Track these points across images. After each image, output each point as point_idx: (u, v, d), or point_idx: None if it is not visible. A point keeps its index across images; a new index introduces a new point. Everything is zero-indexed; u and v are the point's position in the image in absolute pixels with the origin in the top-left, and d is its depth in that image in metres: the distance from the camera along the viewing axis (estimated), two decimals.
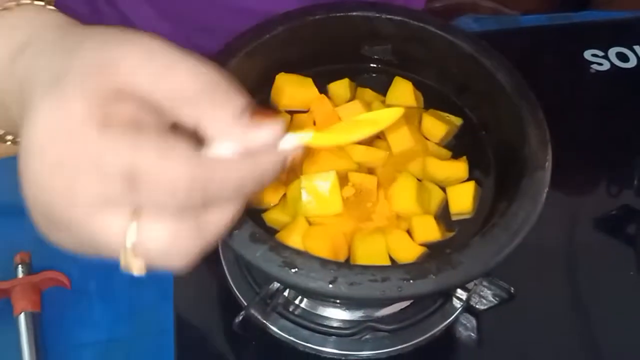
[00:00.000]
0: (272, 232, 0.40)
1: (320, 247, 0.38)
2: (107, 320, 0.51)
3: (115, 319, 0.51)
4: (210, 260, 0.47)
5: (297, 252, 0.33)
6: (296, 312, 0.44)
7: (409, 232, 0.40)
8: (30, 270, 0.52)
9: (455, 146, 0.45)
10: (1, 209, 0.57)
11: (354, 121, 0.29)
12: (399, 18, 0.45)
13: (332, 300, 0.41)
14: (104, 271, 0.54)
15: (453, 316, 0.44)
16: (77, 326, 0.50)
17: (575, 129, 0.57)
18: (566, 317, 0.47)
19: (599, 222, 0.52)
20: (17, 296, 0.49)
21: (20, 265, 0.52)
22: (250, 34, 0.43)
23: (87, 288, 0.52)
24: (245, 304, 0.44)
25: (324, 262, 0.33)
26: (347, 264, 0.34)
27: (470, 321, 0.45)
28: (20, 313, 0.48)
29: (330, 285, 0.32)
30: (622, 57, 0.63)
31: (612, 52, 0.63)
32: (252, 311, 0.41)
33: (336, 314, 0.45)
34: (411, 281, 0.32)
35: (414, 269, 0.33)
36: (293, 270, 0.33)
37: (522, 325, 0.46)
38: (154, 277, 0.53)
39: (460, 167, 0.43)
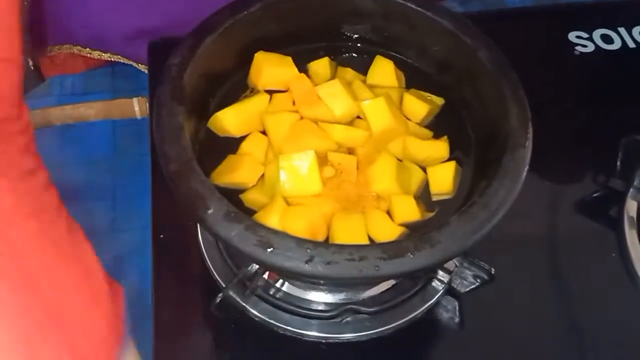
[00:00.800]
0: (250, 213, 0.39)
1: (298, 228, 0.37)
2: None
3: None
4: (189, 243, 0.47)
5: (273, 232, 0.33)
6: (277, 295, 0.44)
7: (388, 213, 0.39)
8: None
9: (437, 126, 0.44)
10: None
11: None
12: None
13: (309, 280, 0.40)
14: None
15: (434, 298, 0.44)
16: None
17: (558, 111, 0.57)
18: (548, 299, 0.46)
19: (581, 204, 0.52)
20: None
21: None
22: (226, 10, 0.42)
23: None
24: (224, 285, 0.43)
25: (300, 241, 0.32)
26: (324, 243, 0.33)
27: (451, 303, 0.45)
28: None
29: (307, 265, 0.32)
30: (607, 39, 0.62)
31: (597, 34, 0.62)
32: (231, 293, 0.40)
33: (317, 297, 0.44)
34: (389, 260, 0.32)
35: (392, 248, 0.32)
36: (269, 250, 0.32)
37: (504, 308, 0.45)
38: (133, 263, 0.53)
39: (441, 147, 0.42)
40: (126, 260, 0.53)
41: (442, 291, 0.44)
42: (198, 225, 0.47)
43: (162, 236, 0.47)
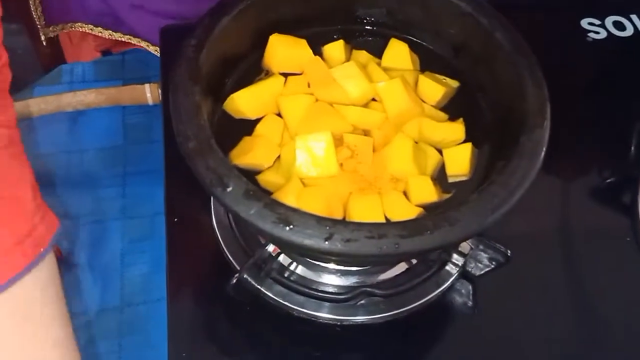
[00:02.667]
0: (267, 194, 0.39)
1: (315, 208, 0.37)
2: (98, 290, 0.50)
3: (106, 289, 0.50)
4: (203, 227, 0.47)
5: (292, 209, 0.33)
6: (291, 278, 0.44)
7: (405, 194, 0.39)
8: None
9: (452, 108, 0.44)
10: None
11: None
12: None
13: (328, 257, 0.40)
14: (94, 242, 0.53)
15: (449, 282, 0.44)
16: (68, 296, 0.49)
17: (571, 98, 0.57)
18: (562, 283, 0.46)
19: (595, 190, 0.52)
20: None
21: None
22: None
23: (78, 259, 0.52)
24: (238, 268, 0.43)
25: (319, 219, 0.32)
26: (343, 221, 0.33)
27: (465, 287, 0.45)
28: None
29: (326, 242, 0.32)
30: (619, 26, 0.62)
31: (609, 20, 0.62)
32: (246, 275, 0.40)
33: (331, 280, 0.44)
34: (408, 237, 0.32)
35: (411, 226, 0.32)
36: (288, 227, 0.32)
37: (518, 292, 0.45)
38: (144, 250, 0.53)
39: (456, 129, 0.42)
40: (136, 247, 0.53)
41: (456, 274, 0.44)
42: (212, 208, 0.47)
43: (175, 220, 0.47)
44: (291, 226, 0.32)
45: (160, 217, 0.50)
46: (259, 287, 0.42)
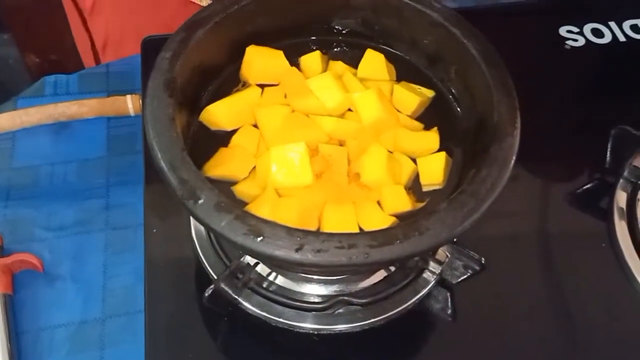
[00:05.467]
0: (242, 205, 0.39)
1: (290, 219, 0.37)
2: (80, 302, 0.50)
3: (88, 301, 0.50)
4: (181, 237, 0.47)
5: (263, 221, 0.33)
6: (270, 288, 0.44)
7: (379, 204, 0.40)
8: (1, 252, 0.51)
9: (427, 118, 0.44)
10: None
11: None
12: None
13: (300, 268, 0.40)
14: (76, 253, 0.53)
15: (426, 289, 0.44)
16: (50, 308, 0.49)
17: (550, 105, 0.57)
18: (539, 289, 0.47)
19: (571, 195, 0.52)
20: None
21: None
22: (218, 4, 0.43)
23: (60, 271, 0.52)
24: (216, 277, 0.43)
25: (290, 230, 0.32)
26: (314, 232, 0.34)
27: (443, 294, 0.45)
28: None
29: (297, 253, 0.32)
30: (597, 33, 0.63)
31: (587, 28, 0.63)
32: (222, 285, 0.41)
33: (310, 289, 0.44)
34: (378, 247, 0.32)
35: (381, 235, 0.33)
36: (259, 239, 0.32)
37: (495, 298, 0.46)
38: (126, 262, 0.53)
39: (431, 138, 0.42)
40: (119, 259, 0.53)
41: (433, 282, 0.44)
42: (190, 218, 0.47)
43: (154, 230, 0.47)
44: (262, 237, 0.32)
45: (142, 228, 0.50)
46: (236, 297, 0.42)
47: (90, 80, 0.67)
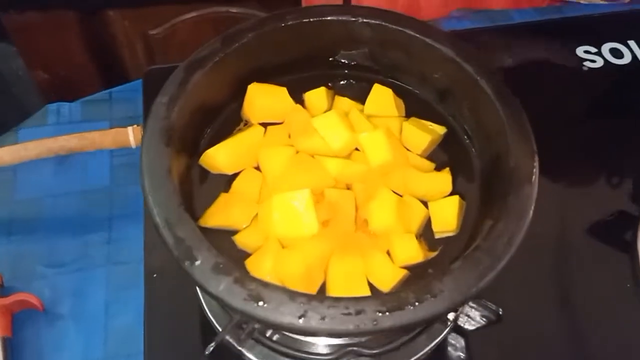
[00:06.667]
0: (243, 256, 0.37)
1: (294, 273, 0.35)
2: (81, 343, 0.49)
3: (89, 342, 0.49)
4: (183, 282, 0.45)
5: (264, 284, 0.31)
6: (274, 338, 0.42)
7: (388, 253, 0.37)
8: (1, 292, 0.50)
9: (439, 156, 0.42)
10: None
11: None
12: (375, 22, 0.42)
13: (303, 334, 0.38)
14: (77, 290, 0.52)
15: (440, 337, 0.42)
16: (51, 350, 0.48)
17: (567, 130, 0.55)
18: (559, 336, 0.44)
19: (592, 229, 0.49)
20: None
21: None
22: (217, 43, 0.41)
23: (61, 309, 0.50)
24: (220, 328, 0.42)
25: (292, 295, 0.30)
26: (318, 296, 0.32)
27: (459, 341, 0.43)
28: None
29: (300, 320, 0.30)
30: (616, 54, 0.60)
31: (606, 48, 0.60)
32: (227, 337, 0.39)
33: (317, 340, 0.42)
34: (388, 313, 0.30)
35: (391, 300, 0.30)
36: (259, 304, 0.30)
37: (513, 345, 0.43)
38: (128, 300, 0.52)
39: (443, 180, 0.40)
40: (121, 296, 0.52)
41: (447, 329, 0.42)
42: None
43: (155, 275, 0.45)
44: (263, 303, 0.30)
45: None
46: (240, 348, 0.40)
47: (93, 107, 0.66)
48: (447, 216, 0.38)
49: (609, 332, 0.44)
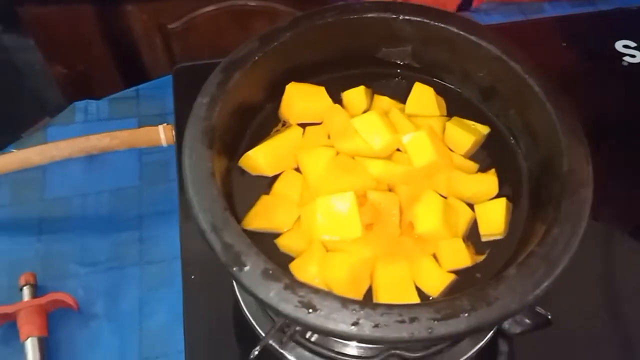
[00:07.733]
0: (286, 259, 0.37)
1: (339, 277, 0.35)
2: (116, 343, 0.49)
3: (124, 342, 0.49)
4: (222, 283, 0.45)
5: (314, 290, 0.30)
6: (312, 339, 0.41)
7: (435, 257, 0.37)
8: (35, 291, 0.50)
9: (482, 157, 0.41)
10: (3, 226, 0.55)
11: None
12: (417, 19, 0.41)
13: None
14: (111, 290, 0.52)
15: (484, 341, 0.41)
16: (86, 350, 0.48)
17: (607, 128, 0.53)
18: (607, 341, 0.43)
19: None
20: (23, 321, 0.48)
21: (25, 287, 0.50)
22: (255, 42, 0.40)
23: (95, 309, 0.50)
24: (260, 330, 0.41)
25: (345, 302, 0.30)
26: (371, 303, 0.31)
27: (503, 346, 0.42)
28: (27, 339, 0.47)
29: (353, 327, 0.29)
30: None
31: None
32: (271, 342, 0.38)
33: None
34: (442, 321, 0.29)
35: (445, 307, 0.30)
36: (311, 311, 0.30)
37: (559, 350, 0.42)
38: (162, 299, 0.51)
39: (489, 182, 0.39)
40: (155, 295, 0.52)
41: (491, 333, 0.41)
42: None
43: (193, 277, 0.45)
44: (315, 310, 0.30)
45: (178, 261, 0.48)
46: (282, 351, 0.40)
47: (121, 105, 0.66)
48: (494, 219, 0.37)
49: None
